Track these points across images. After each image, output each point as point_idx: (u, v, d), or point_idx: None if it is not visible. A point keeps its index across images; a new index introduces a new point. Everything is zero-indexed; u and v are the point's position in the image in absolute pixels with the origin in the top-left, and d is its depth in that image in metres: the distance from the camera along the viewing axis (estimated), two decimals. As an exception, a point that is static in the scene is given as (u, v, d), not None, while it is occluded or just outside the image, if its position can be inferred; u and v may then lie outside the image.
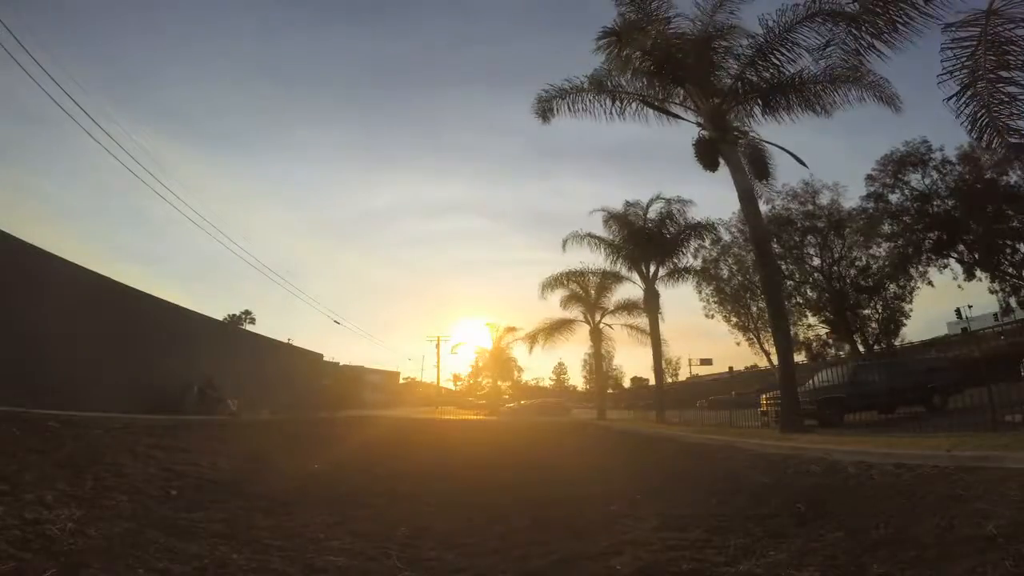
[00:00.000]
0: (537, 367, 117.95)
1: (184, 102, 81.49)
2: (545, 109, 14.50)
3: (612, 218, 22.73)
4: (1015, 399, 7.63)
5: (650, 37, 12.63)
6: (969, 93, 7.91)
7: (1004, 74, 7.70)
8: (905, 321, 30.32)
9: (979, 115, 7.99)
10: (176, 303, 16.83)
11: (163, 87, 77.87)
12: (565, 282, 26.47)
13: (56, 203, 71.28)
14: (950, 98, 7.98)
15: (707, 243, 28.06)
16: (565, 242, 23.49)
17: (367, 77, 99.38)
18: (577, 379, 79.22)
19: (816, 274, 31.50)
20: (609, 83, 14.17)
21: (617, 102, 14.29)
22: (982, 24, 7.55)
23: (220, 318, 36.37)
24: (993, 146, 8.47)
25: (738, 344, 35.75)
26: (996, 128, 7.95)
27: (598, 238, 23.07)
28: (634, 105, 14.33)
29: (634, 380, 65.93)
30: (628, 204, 22.91)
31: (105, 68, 71.40)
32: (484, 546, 3.14)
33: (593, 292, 26.97)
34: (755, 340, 34.12)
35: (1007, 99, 7.76)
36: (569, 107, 14.46)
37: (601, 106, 14.35)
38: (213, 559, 2.65)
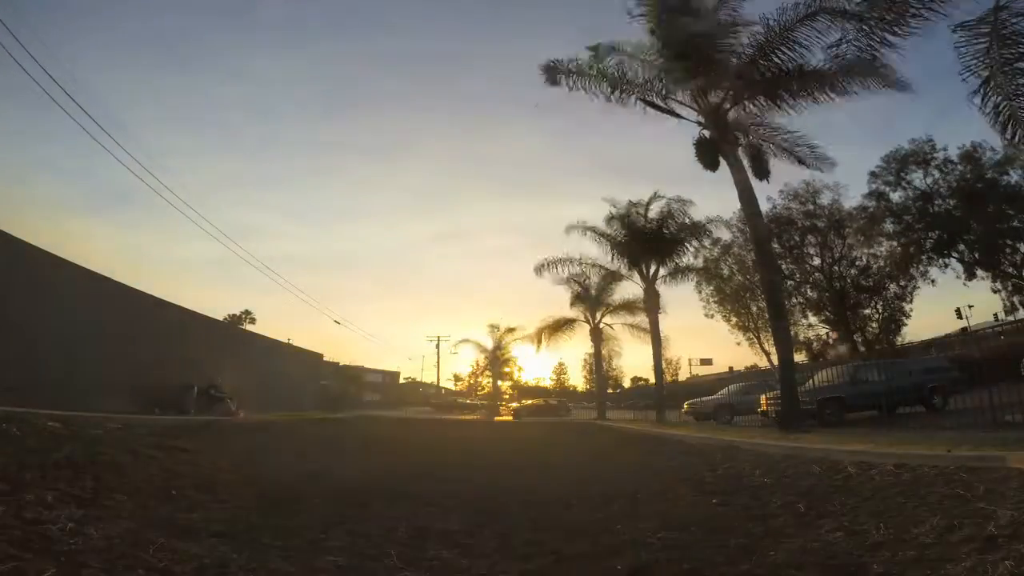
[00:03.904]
0: (537, 367, 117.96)
1: (185, 105, 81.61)
2: (551, 77, 14.51)
3: (613, 218, 22.71)
4: (1015, 399, 7.61)
5: (668, 29, 12.63)
6: (991, 86, 8.02)
7: (1021, 66, 7.80)
8: (905, 321, 30.34)
9: (1002, 109, 8.09)
10: (176, 303, 16.84)
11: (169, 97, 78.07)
12: (566, 280, 26.47)
13: (62, 202, 71.43)
14: (974, 92, 8.11)
15: (707, 243, 28.09)
16: (567, 231, 23.43)
17: (367, 80, 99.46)
18: (577, 379, 79.27)
19: (816, 274, 31.48)
20: (611, 72, 14.15)
21: (616, 92, 14.28)
22: (991, 21, 7.64)
23: (220, 318, 36.37)
24: (1019, 140, 8.55)
25: (738, 344, 35.72)
26: (1018, 120, 8.05)
27: (600, 232, 23.05)
28: (633, 99, 14.33)
29: (634, 380, 65.88)
30: (631, 204, 22.85)
31: (118, 71, 71.53)
32: (484, 546, 3.14)
33: (594, 292, 27.00)
34: (755, 340, 34.10)
35: None
36: (571, 86, 14.46)
37: (602, 92, 14.35)
38: (213, 559, 2.65)
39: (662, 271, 22.79)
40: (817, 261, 31.32)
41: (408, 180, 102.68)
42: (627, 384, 64.81)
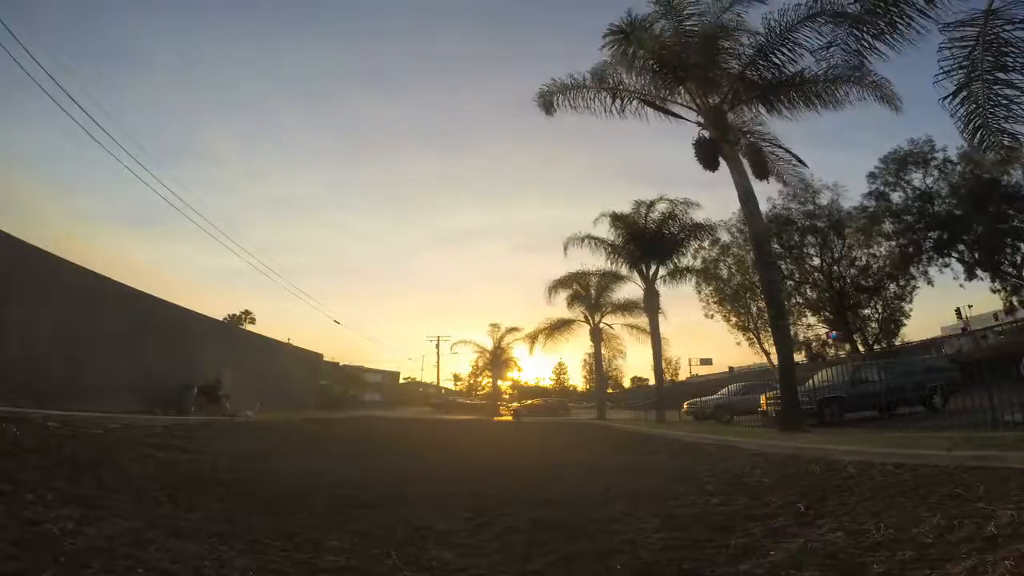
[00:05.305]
0: (537, 367, 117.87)
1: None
2: (547, 103, 14.58)
3: (617, 219, 22.70)
4: (1015, 399, 7.62)
5: (655, 36, 12.65)
6: (964, 94, 7.92)
7: (1001, 75, 7.70)
8: (905, 321, 30.37)
9: (973, 116, 8.00)
10: (176, 303, 16.82)
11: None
12: (569, 284, 26.65)
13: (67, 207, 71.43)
14: (945, 98, 8.00)
15: (707, 243, 28.16)
16: (566, 245, 23.57)
17: (364, 79, 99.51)
18: (577, 379, 79.23)
19: (816, 274, 31.48)
20: (610, 80, 14.20)
21: (618, 100, 14.32)
22: (981, 24, 7.54)
23: (220, 318, 36.35)
24: (986, 148, 8.49)
25: (738, 344, 35.73)
26: (990, 130, 7.96)
27: (598, 239, 23.14)
28: (634, 103, 14.37)
29: (634, 380, 65.85)
30: (638, 203, 22.87)
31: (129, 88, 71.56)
32: (484, 546, 3.14)
33: (594, 292, 27.06)
34: (755, 340, 34.10)
35: (1003, 101, 7.76)
36: (570, 103, 14.51)
37: (601, 103, 14.40)
38: (213, 559, 2.65)
39: (662, 271, 22.86)
40: (817, 261, 31.35)
41: (409, 181, 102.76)
42: (627, 384, 64.82)
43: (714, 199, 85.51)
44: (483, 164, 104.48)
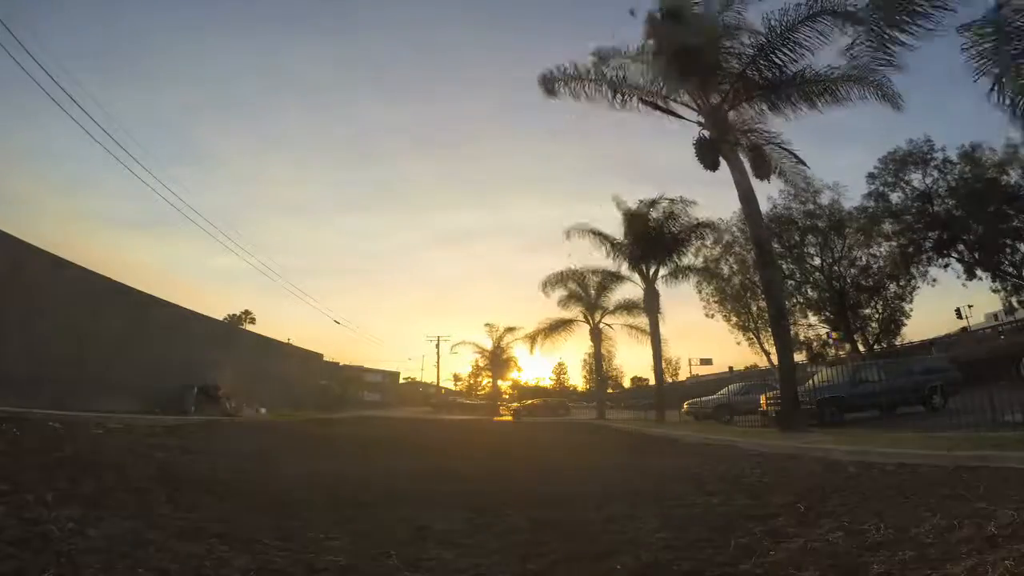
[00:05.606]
0: (537, 367, 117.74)
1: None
2: (549, 85, 14.58)
3: (626, 213, 22.56)
4: (1015, 398, 7.62)
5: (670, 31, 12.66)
6: (1001, 85, 8.12)
7: None
8: (905, 321, 30.36)
9: (1018, 103, 8.19)
10: (176, 303, 16.83)
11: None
12: (565, 281, 26.58)
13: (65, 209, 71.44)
14: (989, 92, 8.29)
15: (708, 242, 28.14)
16: (568, 233, 23.50)
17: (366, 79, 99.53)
18: (577, 379, 79.17)
19: (816, 274, 31.46)
20: (612, 76, 14.20)
21: (618, 95, 14.31)
22: (995, 20, 7.72)
23: (220, 318, 36.35)
24: None
25: (738, 344, 35.69)
26: None
27: (600, 234, 23.11)
28: (635, 100, 14.36)
29: (634, 380, 65.82)
30: (641, 202, 22.82)
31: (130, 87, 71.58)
32: (484, 546, 3.14)
33: (593, 292, 27.03)
34: (755, 340, 34.06)
35: None
36: (571, 92, 14.51)
37: (603, 96, 14.40)
38: (213, 559, 2.64)
39: (662, 271, 22.83)
40: (817, 261, 31.31)
41: (408, 180, 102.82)
42: (627, 384, 64.82)
43: (716, 198, 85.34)
44: (482, 163, 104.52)
